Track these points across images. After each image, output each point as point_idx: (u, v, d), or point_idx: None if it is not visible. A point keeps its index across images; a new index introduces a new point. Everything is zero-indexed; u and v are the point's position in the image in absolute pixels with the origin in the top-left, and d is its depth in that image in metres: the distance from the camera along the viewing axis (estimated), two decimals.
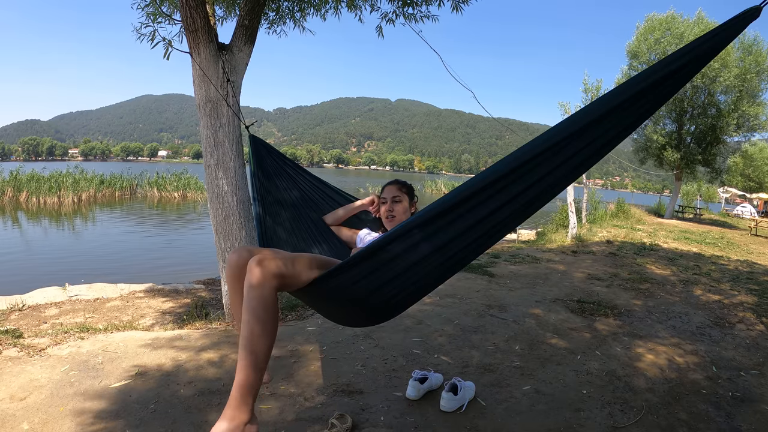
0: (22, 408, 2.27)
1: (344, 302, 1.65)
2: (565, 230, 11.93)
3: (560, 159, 1.41)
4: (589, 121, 1.37)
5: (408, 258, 1.49)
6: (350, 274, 1.52)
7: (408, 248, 1.48)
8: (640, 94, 1.35)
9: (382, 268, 1.51)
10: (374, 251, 1.48)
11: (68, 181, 19.66)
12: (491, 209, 1.44)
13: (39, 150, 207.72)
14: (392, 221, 2.29)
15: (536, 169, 1.40)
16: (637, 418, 2.46)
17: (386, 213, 2.31)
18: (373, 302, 1.64)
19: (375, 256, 1.49)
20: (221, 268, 3.90)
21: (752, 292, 5.57)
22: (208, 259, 9.23)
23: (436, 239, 1.47)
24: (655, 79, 1.34)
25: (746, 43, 17.54)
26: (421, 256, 1.49)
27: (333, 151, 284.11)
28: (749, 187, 31.34)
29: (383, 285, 1.56)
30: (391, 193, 2.33)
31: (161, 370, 2.77)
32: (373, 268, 1.51)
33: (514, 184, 1.41)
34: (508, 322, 3.94)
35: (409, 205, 2.34)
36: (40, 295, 5.26)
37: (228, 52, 3.77)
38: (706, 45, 1.32)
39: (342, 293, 1.60)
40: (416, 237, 1.46)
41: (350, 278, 1.53)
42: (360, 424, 2.28)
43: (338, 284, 1.55)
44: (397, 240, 1.46)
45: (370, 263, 1.50)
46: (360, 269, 1.51)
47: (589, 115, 1.37)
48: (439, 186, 38.72)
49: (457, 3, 4.65)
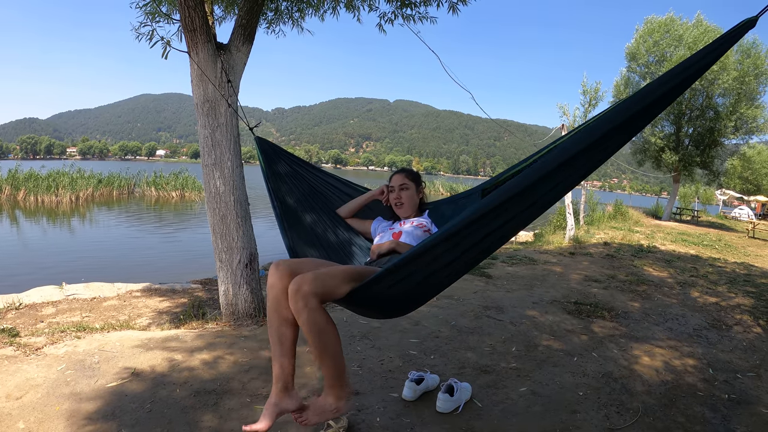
0: (17, 407, 2.26)
1: (375, 304, 1.83)
2: (562, 232, 11.95)
3: (568, 172, 1.56)
4: (596, 138, 1.49)
5: (433, 266, 1.69)
6: (383, 284, 1.70)
7: (433, 259, 1.66)
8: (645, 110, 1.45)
9: (411, 275, 1.69)
10: (406, 263, 1.65)
11: (66, 179, 19.63)
12: (505, 220, 1.61)
13: (37, 148, 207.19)
14: (401, 208, 2.46)
15: (548, 183, 1.56)
16: (633, 420, 2.47)
17: (395, 200, 2.47)
18: (400, 303, 1.86)
19: (406, 267, 1.66)
20: (218, 268, 3.90)
21: (749, 295, 5.58)
22: (205, 259, 9.22)
23: (458, 249, 1.65)
24: (658, 95, 1.43)
25: (745, 46, 17.61)
26: (445, 263, 1.69)
27: (331, 152, 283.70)
28: (747, 190, 31.42)
29: (411, 289, 1.75)
30: (398, 182, 2.48)
31: (157, 371, 2.76)
32: (404, 276, 1.68)
33: (527, 198, 1.58)
34: (505, 324, 3.95)
35: (416, 192, 2.49)
36: (37, 294, 5.24)
37: (226, 52, 3.76)
38: (704, 60, 1.39)
39: (375, 300, 1.79)
40: (441, 249, 1.63)
41: (384, 287, 1.71)
42: (356, 424, 2.28)
43: (373, 293, 1.73)
44: (421, 257, 1.64)
45: (401, 273, 1.67)
46: (392, 278, 1.68)
47: (595, 132, 1.49)
48: (437, 187, 38.65)
49: (453, 4, 4.65)
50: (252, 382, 2.68)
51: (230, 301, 3.88)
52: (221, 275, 3.89)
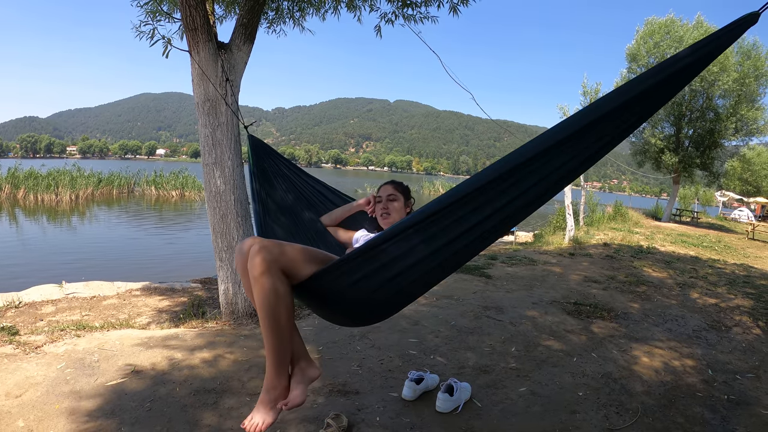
0: (17, 405, 2.26)
1: (344, 303, 1.68)
2: (562, 232, 11.95)
3: (557, 162, 1.44)
4: (585, 123, 1.39)
5: (405, 257, 1.52)
6: (348, 271, 1.55)
7: (404, 247, 1.50)
8: (638, 97, 1.36)
9: (379, 267, 1.53)
10: (371, 248, 1.51)
11: (66, 178, 19.61)
12: (487, 212, 1.48)
13: (37, 147, 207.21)
14: (387, 219, 2.31)
15: (532, 174, 1.43)
16: (632, 420, 2.47)
17: (381, 211, 2.33)
18: (373, 303, 1.67)
19: (372, 254, 1.52)
20: (218, 267, 3.90)
21: (749, 296, 5.59)
22: (205, 257, 9.23)
23: (432, 238, 1.49)
24: (652, 82, 1.35)
25: (745, 47, 17.61)
26: (419, 255, 1.52)
27: (331, 152, 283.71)
28: (747, 191, 31.45)
29: (381, 286, 1.58)
30: (386, 192, 2.37)
31: (157, 369, 2.76)
32: (371, 267, 1.53)
33: (512, 186, 1.45)
34: (505, 324, 3.95)
35: (404, 205, 2.36)
36: (37, 293, 5.24)
37: (227, 51, 3.77)
38: (704, 49, 1.32)
39: (342, 295, 1.63)
40: (412, 236, 1.49)
41: (349, 277, 1.56)
42: (356, 424, 2.28)
43: (337, 284, 1.59)
44: (394, 238, 1.49)
45: (367, 261, 1.53)
46: (357, 266, 1.54)
47: (585, 118, 1.40)
48: (437, 187, 38.73)
49: (454, 5, 4.65)
50: (252, 380, 2.68)
51: (230, 300, 3.88)
52: (221, 274, 3.90)
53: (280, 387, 1.60)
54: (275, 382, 1.59)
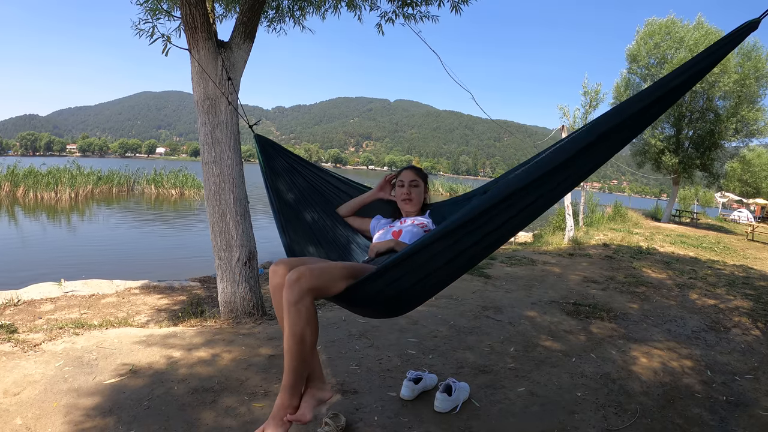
0: (15, 403, 2.26)
1: (372, 302, 1.80)
2: (561, 233, 11.95)
3: (568, 173, 1.56)
4: (594, 138, 1.49)
5: (430, 265, 1.67)
6: (380, 282, 1.68)
7: (431, 258, 1.64)
8: (644, 110, 1.46)
9: (409, 273, 1.67)
10: (403, 260, 1.63)
11: (66, 176, 19.59)
12: (505, 218, 1.61)
13: (37, 145, 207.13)
14: (408, 204, 2.43)
15: (547, 183, 1.56)
16: (631, 421, 2.47)
17: (404, 196, 2.43)
18: (397, 302, 1.82)
19: (403, 265, 1.65)
20: (217, 266, 3.89)
21: (748, 297, 5.59)
22: (204, 256, 9.22)
23: (455, 248, 1.63)
24: (658, 95, 1.43)
25: (745, 49, 17.61)
26: (442, 262, 1.67)
27: (331, 151, 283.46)
28: (746, 192, 31.48)
29: (409, 287, 1.72)
30: (408, 177, 2.45)
31: (155, 368, 2.76)
32: (401, 274, 1.67)
33: (529, 195, 1.57)
34: (504, 324, 3.95)
35: (424, 191, 2.48)
36: (36, 291, 5.24)
37: (227, 50, 3.76)
38: (706, 60, 1.38)
39: (372, 298, 1.76)
40: (440, 245, 1.62)
41: (380, 285, 1.69)
42: (353, 423, 2.28)
43: (369, 291, 1.71)
44: (423, 250, 1.62)
45: (398, 271, 1.66)
46: (389, 276, 1.66)
47: (594, 131, 1.49)
48: (437, 187, 38.67)
49: (456, 3, 4.65)
50: (250, 379, 2.67)
51: (229, 298, 3.88)
52: (220, 273, 3.89)
53: (291, 407, 1.61)
54: (288, 402, 1.60)
